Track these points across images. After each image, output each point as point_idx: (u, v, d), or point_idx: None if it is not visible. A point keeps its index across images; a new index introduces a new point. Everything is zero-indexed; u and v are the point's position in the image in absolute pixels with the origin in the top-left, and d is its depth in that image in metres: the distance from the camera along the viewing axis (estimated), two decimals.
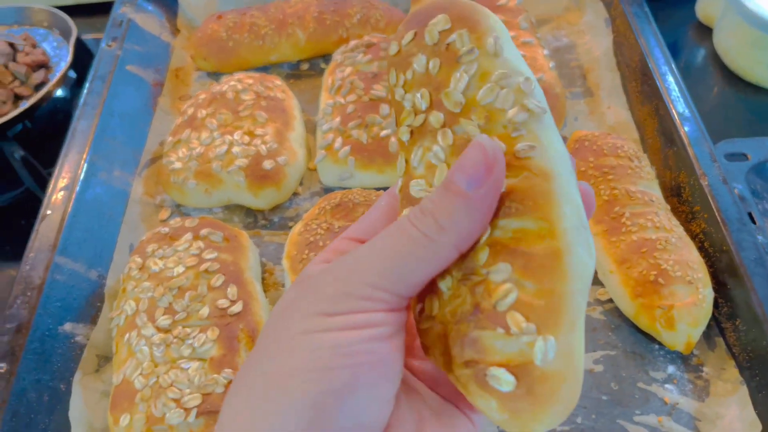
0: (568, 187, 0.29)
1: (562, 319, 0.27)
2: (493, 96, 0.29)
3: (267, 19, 0.85)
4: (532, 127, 0.29)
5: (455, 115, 0.30)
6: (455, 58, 0.30)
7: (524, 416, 0.27)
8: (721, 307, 0.60)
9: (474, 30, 0.30)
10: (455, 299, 0.30)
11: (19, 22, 0.97)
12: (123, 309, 0.60)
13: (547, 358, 0.27)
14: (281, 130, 0.73)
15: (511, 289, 0.28)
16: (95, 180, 0.71)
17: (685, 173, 0.67)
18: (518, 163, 0.29)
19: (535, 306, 0.27)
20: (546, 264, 0.28)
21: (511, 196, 0.29)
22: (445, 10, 0.31)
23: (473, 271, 0.29)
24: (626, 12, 0.82)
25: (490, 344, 0.28)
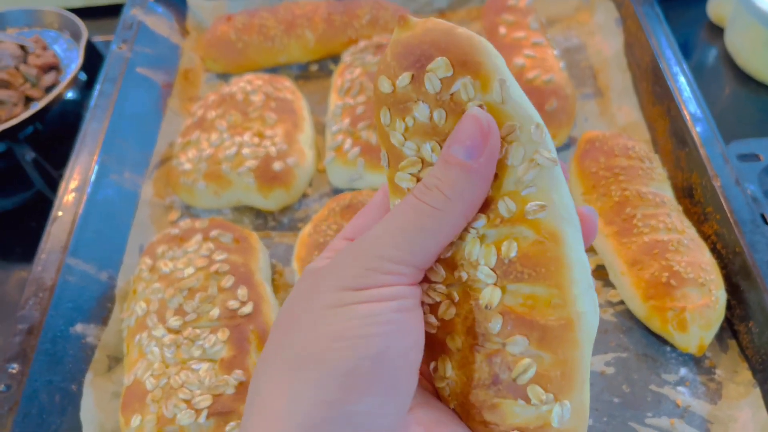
0: (577, 248, 0.30)
1: (575, 384, 0.30)
2: (502, 152, 0.29)
3: (276, 20, 0.85)
4: (543, 184, 0.30)
5: None
6: (462, 109, 0.29)
7: None
8: (734, 309, 0.60)
9: (477, 75, 0.29)
10: (470, 364, 0.32)
11: (30, 25, 0.97)
12: (133, 310, 0.60)
13: (564, 420, 0.30)
14: (291, 132, 0.73)
15: (531, 365, 0.30)
16: (106, 182, 0.71)
17: (697, 174, 0.66)
18: (527, 224, 0.30)
19: (551, 377, 0.30)
20: (560, 336, 0.30)
21: (522, 260, 0.30)
22: (444, 52, 0.29)
23: (487, 338, 0.31)
24: (637, 12, 0.81)
25: (510, 411, 0.31)
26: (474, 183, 0.29)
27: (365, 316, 0.28)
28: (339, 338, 0.28)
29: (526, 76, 0.73)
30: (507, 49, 0.77)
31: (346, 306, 0.28)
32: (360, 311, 0.28)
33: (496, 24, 0.81)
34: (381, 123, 0.32)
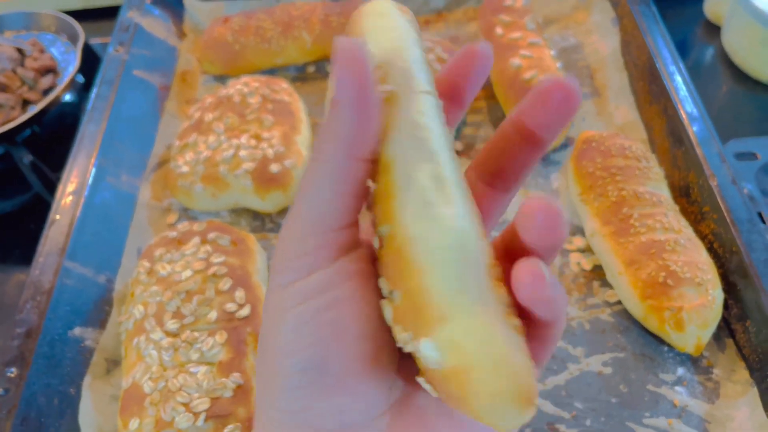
0: (407, 167, 0.27)
1: (427, 317, 0.25)
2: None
3: (273, 22, 0.85)
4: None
5: None
6: None
7: (469, 414, 0.25)
8: (731, 308, 0.60)
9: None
10: None
11: (27, 28, 0.97)
12: (131, 313, 0.60)
13: (434, 361, 0.24)
14: (288, 133, 0.73)
15: (385, 304, 0.27)
16: (103, 184, 0.71)
17: (693, 174, 0.67)
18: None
19: (405, 315, 0.25)
20: (395, 266, 0.26)
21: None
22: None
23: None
24: (633, 11, 0.81)
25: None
26: (341, 115, 0.26)
27: (296, 326, 0.26)
28: (282, 353, 0.27)
29: (523, 76, 0.74)
30: (503, 50, 0.77)
31: (279, 313, 0.27)
32: (290, 321, 0.26)
33: (492, 24, 0.81)
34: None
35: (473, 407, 0.24)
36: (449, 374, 0.24)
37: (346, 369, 0.27)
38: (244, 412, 0.53)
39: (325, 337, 0.26)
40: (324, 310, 0.26)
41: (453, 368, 0.24)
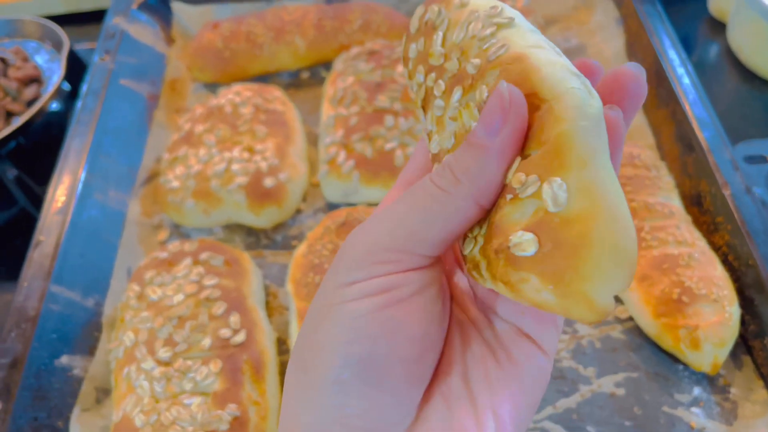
0: (547, 60, 0.27)
1: (566, 159, 0.25)
2: (463, 32, 0.29)
3: (264, 27, 0.82)
4: (503, 34, 0.29)
5: (441, 66, 0.31)
6: (434, 28, 0.31)
7: (568, 278, 0.24)
8: (748, 324, 0.58)
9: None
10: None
11: (10, 35, 0.94)
12: (121, 340, 0.57)
13: (559, 201, 0.24)
14: (282, 145, 0.70)
15: (517, 161, 0.26)
16: (90, 202, 0.68)
17: (705, 182, 0.64)
18: (493, 64, 0.28)
19: (533, 159, 0.25)
20: (540, 120, 0.26)
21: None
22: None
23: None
24: (638, 11, 0.78)
25: (509, 220, 0.26)
26: (487, 163, 0.26)
27: (350, 319, 0.27)
28: (327, 344, 0.27)
29: None
30: None
31: (335, 306, 0.28)
32: (345, 313, 0.27)
33: None
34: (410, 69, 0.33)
35: (583, 256, 0.24)
36: (573, 218, 0.24)
37: (391, 367, 0.27)
38: None
39: (378, 333, 0.27)
40: (382, 308, 0.27)
41: (579, 212, 0.24)
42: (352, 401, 0.27)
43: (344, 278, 0.28)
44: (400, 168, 0.67)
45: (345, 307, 0.27)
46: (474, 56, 0.29)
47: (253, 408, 0.53)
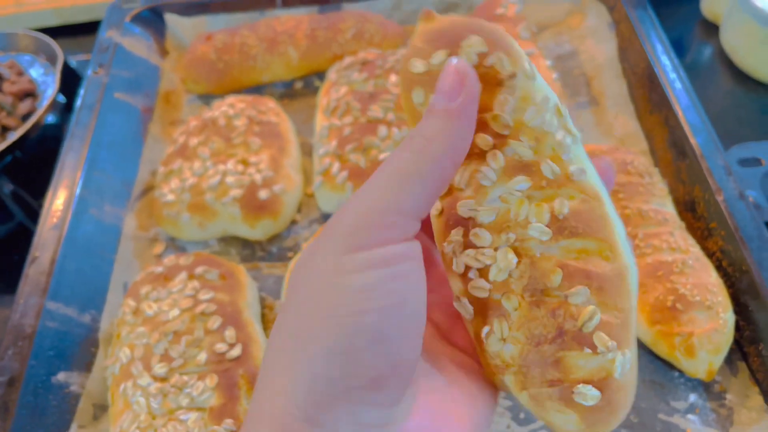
0: (613, 209, 0.33)
1: (631, 335, 0.31)
2: (540, 119, 0.31)
3: (257, 38, 0.82)
4: (577, 151, 0.32)
5: (504, 137, 0.32)
6: (497, 80, 0.32)
7: (599, 425, 0.31)
8: (743, 330, 0.58)
9: (510, 53, 0.31)
10: (531, 321, 0.31)
11: (5, 49, 0.94)
12: (118, 356, 0.57)
13: (625, 371, 0.31)
14: (276, 157, 0.71)
15: (595, 311, 0.30)
16: (86, 217, 0.68)
17: (699, 188, 0.64)
18: (573, 185, 0.32)
19: (614, 325, 0.31)
20: (617, 284, 0.31)
21: (574, 217, 0.31)
22: (477, 32, 0.31)
23: (547, 293, 0.31)
24: (630, 16, 0.78)
25: (575, 363, 0.31)
26: (453, 123, 0.30)
27: (359, 290, 0.27)
28: (333, 315, 0.28)
29: None
30: None
31: (342, 275, 0.28)
32: (354, 283, 0.28)
33: None
34: (413, 103, 0.33)
35: (618, 415, 0.32)
36: (624, 385, 0.31)
37: (399, 340, 0.28)
38: None
39: (388, 305, 0.28)
40: (390, 280, 0.28)
41: (627, 381, 0.31)
42: (360, 371, 0.27)
43: (343, 246, 0.28)
44: None
45: (351, 278, 0.28)
46: (549, 157, 0.32)
47: None
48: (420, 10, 0.88)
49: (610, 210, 0.32)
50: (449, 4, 0.90)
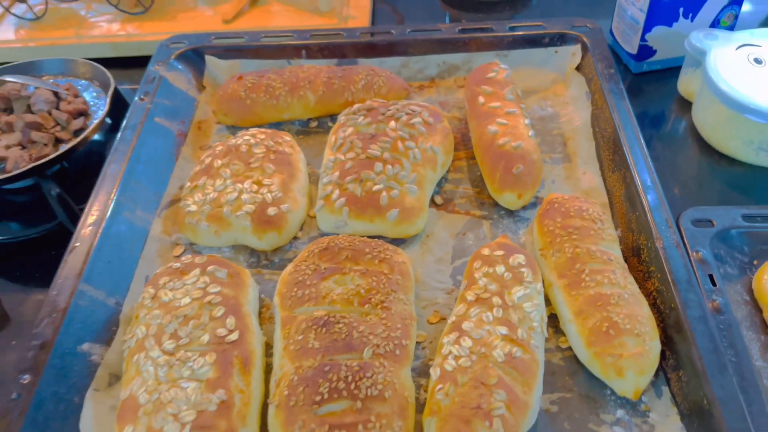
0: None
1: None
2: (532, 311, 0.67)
3: (282, 81, 0.96)
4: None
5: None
6: (520, 281, 0.69)
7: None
8: (668, 359, 0.67)
9: (535, 272, 0.71)
10: (467, 394, 0.60)
11: (64, 74, 1.09)
12: (135, 333, 0.68)
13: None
14: (286, 181, 0.83)
15: (501, 408, 0.59)
16: (120, 218, 0.80)
17: (644, 236, 0.74)
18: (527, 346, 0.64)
19: (507, 420, 0.59)
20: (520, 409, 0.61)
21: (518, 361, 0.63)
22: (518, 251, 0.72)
23: (485, 385, 0.60)
24: (603, 88, 0.90)
25: (480, 426, 0.58)
26: None
27: None
28: None
29: (498, 141, 0.82)
30: (483, 117, 0.86)
31: None
32: None
33: (476, 94, 0.90)
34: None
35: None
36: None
37: None
38: (225, 425, 0.60)
39: None
40: None
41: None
42: None
43: None
44: (384, 207, 0.78)
45: None
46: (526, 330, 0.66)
47: (239, 395, 0.63)
48: (425, 68, 1.01)
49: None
50: (451, 66, 1.03)
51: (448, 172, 0.90)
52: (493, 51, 1.01)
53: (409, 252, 0.80)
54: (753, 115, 0.90)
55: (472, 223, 0.83)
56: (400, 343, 0.65)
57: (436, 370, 0.64)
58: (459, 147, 0.92)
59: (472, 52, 1.01)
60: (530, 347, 0.64)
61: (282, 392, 0.62)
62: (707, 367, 0.61)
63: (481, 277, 0.70)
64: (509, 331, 0.64)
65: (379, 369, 0.62)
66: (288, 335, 0.66)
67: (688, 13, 1.07)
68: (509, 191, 0.81)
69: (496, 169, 0.81)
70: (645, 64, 1.13)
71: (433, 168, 0.84)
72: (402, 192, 0.80)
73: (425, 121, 0.86)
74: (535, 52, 1.00)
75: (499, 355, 0.62)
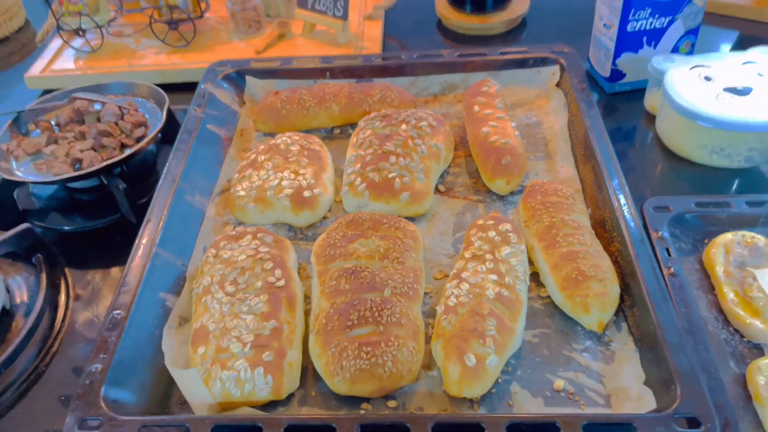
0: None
1: (507, 349, 0.78)
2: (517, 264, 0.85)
3: (311, 95, 1.16)
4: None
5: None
6: (508, 242, 0.88)
7: (467, 380, 0.74)
8: (626, 300, 0.84)
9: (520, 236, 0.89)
10: (466, 320, 0.77)
11: (125, 93, 1.28)
12: (201, 282, 0.85)
13: (492, 364, 0.75)
14: (317, 172, 1.01)
15: (492, 328, 0.77)
16: (182, 200, 0.99)
17: (608, 211, 0.92)
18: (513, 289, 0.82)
19: (498, 340, 0.76)
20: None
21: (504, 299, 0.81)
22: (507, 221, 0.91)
23: (479, 312, 0.78)
24: (577, 98, 1.09)
25: (476, 344, 0.76)
26: None
27: None
28: None
29: (490, 139, 1.02)
30: (478, 122, 1.06)
31: None
32: None
33: (472, 104, 1.10)
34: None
35: (478, 386, 0.75)
36: (487, 372, 0.76)
37: None
38: (276, 345, 0.77)
39: None
40: None
41: (491, 370, 0.76)
42: None
43: None
44: (398, 190, 0.97)
45: None
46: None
47: (287, 325, 0.80)
48: (429, 87, 1.21)
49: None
50: (451, 84, 1.23)
51: (449, 166, 1.09)
52: (486, 71, 1.21)
53: (418, 227, 0.98)
54: (704, 122, 1.08)
55: (469, 206, 1.02)
56: (413, 287, 0.83)
57: (441, 306, 0.81)
58: (458, 147, 1.12)
59: (469, 73, 1.21)
60: (515, 290, 0.81)
61: (320, 321, 0.79)
62: (653, 300, 0.78)
63: (476, 240, 0.88)
64: (498, 278, 0.82)
65: (396, 303, 0.80)
66: (324, 282, 0.84)
67: (651, 41, 1.26)
68: (499, 178, 0.99)
69: (489, 160, 1.00)
70: (617, 86, 1.32)
71: (437, 161, 1.03)
72: (412, 179, 0.98)
73: (430, 124, 1.05)
74: (521, 72, 1.20)
75: (491, 294, 0.79)
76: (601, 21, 1.29)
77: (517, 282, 0.83)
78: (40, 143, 1.16)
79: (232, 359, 0.75)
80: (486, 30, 1.53)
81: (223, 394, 0.74)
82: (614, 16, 1.23)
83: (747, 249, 0.94)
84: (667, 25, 1.24)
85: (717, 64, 1.17)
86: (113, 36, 1.58)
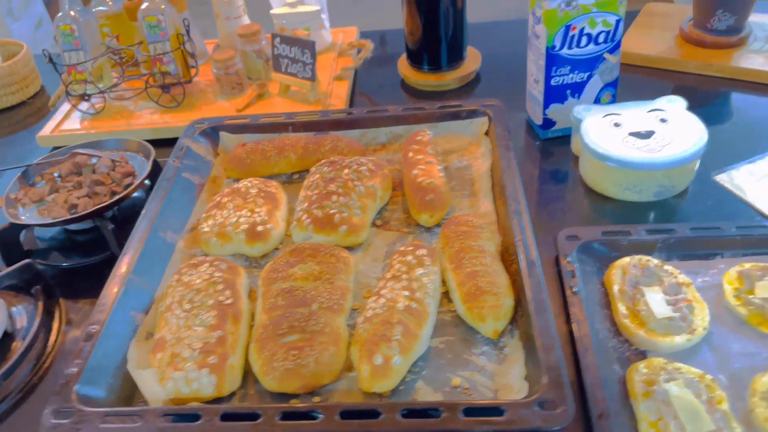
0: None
1: (411, 351, 0.94)
2: (428, 282, 1.02)
3: (272, 146, 1.34)
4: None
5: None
6: (422, 264, 1.04)
7: (378, 377, 0.90)
8: (518, 312, 0.99)
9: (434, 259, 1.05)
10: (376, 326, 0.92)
11: (119, 149, 1.49)
12: (165, 302, 1.03)
13: (397, 363, 0.91)
14: (271, 210, 1.19)
15: (398, 333, 0.91)
16: (156, 236, 1.16)
17: (512, 239, 1.08)
18: (421, 302, 0.95)
19: (402, 343, 0.91)
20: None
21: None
22: (424, 247, 1.08)
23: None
24: (499, 146, 1.27)
25: (386, 347, 0.90)
26: None
27: None
28: None
29: (417, 180, 1.19)
30: (410, 165, 1.23)
31: None
32: None
33: (408, 151, 1.28)
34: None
35: (386, 381, 0.89)
36: (394, 370, 0.91)
37: None
38: (220, 351, 0.93)
39: None
40: None
41: (397, 368, 0.92)
42: None
43: None
44: (337, 224, 1.14)
45: None
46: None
47: (230, 335, 0.96)
48: (377, 137, 1.40)
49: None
50: (396, 134, 1.42)
51: (387, 204, 1.26)
52: (426, 123, 1.39)
53: (354, 255, 1.14)
54: (612, 162, 1.25)
55: (400, 237, 1.18)
56: (338, 302, 0.99)
57: (361, 318, 0.97)
58: (397, 188, 1.29)
59: (411, 125, 1.39)
60: (424, 303, 0.96)
61: (258, 332, 0.96)
62: (535, 310, 0.93)
63: (396, 263, 1.04)
64: (410, 293, 0.97)
65: (322, 315, 0.96)
66: (265, 300, 1.01)
67: (574, 93, 1.44)
68: (424, 213, 1.16)
69: (416, 198, 1.17)
70: (549, 132, 1.49)
71: (374, 199, 1.20)
72: (350, 214, 1.16)
73: (369, 169, 1.23)
74: (456, 123, 1.38)
75: (401, 306, 0.95)
76: (531, 77, 1.48)
77: (426, 297, 0.98)
78: (43, 192, 1.36)
79: (183, 362, 0.92)
80: (442, 86, 1.73)
81: (175, 391, 0.90)
82: (540, 72, 1.41)
83: (641, 270, 1.09)
84: (587, 79, 1.42)
85: (627, 112, 1.34)
86: (114, 99, 1.80)
